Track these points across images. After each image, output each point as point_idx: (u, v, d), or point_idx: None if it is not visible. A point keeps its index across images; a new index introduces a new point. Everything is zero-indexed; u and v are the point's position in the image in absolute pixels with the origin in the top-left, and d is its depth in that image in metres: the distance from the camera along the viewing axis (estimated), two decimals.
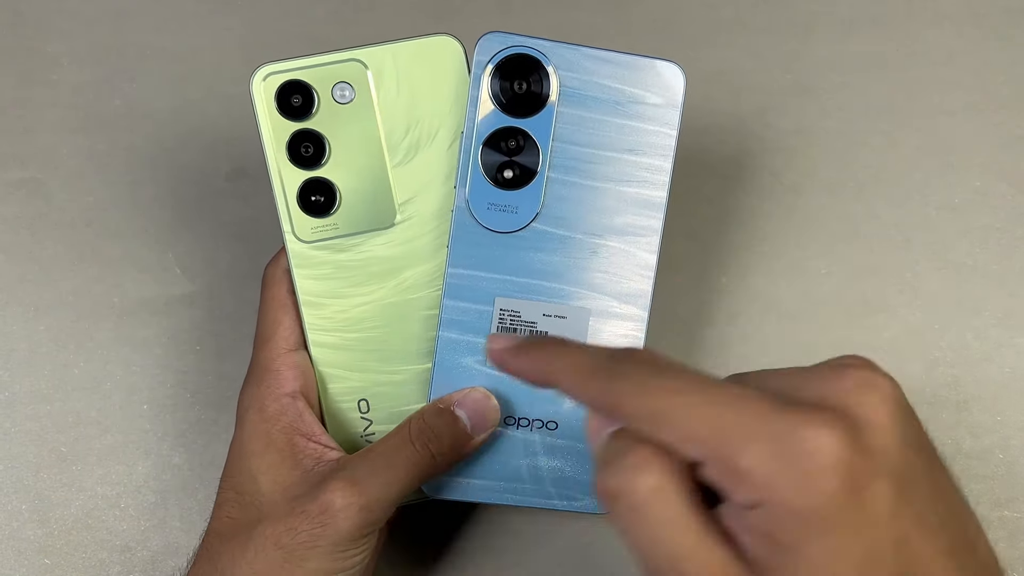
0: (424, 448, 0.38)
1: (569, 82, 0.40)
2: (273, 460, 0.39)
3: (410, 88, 0.41)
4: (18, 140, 0.52)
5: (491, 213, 0.40)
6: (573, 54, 0.40)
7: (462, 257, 0.40)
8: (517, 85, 0.40)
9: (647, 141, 0.40)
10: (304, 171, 0.41)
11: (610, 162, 0.40)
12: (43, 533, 0.47)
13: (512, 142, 0.40)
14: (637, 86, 0.40)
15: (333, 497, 0.37)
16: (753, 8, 0.55)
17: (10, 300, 0.50)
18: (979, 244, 0.51)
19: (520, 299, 0.41)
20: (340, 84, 0.41)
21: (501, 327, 0.41)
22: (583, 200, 0.41)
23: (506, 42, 0.40)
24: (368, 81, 0.41)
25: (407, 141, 0.41)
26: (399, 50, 0.41)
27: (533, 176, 0.40)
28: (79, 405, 0.49)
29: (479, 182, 0.40)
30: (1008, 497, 0.48)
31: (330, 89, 0.40)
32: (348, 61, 0.40)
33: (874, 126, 0.53)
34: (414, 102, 0.41)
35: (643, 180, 0.41)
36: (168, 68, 0.53)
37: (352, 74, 0.41)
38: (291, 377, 0.40)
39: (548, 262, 0.41)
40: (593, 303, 0.41)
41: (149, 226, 0.51)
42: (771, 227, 0.52)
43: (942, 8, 0.55)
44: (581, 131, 0.40)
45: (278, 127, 0.40)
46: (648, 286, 0.41)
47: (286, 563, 0.37)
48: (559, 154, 0.40)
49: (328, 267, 0.41)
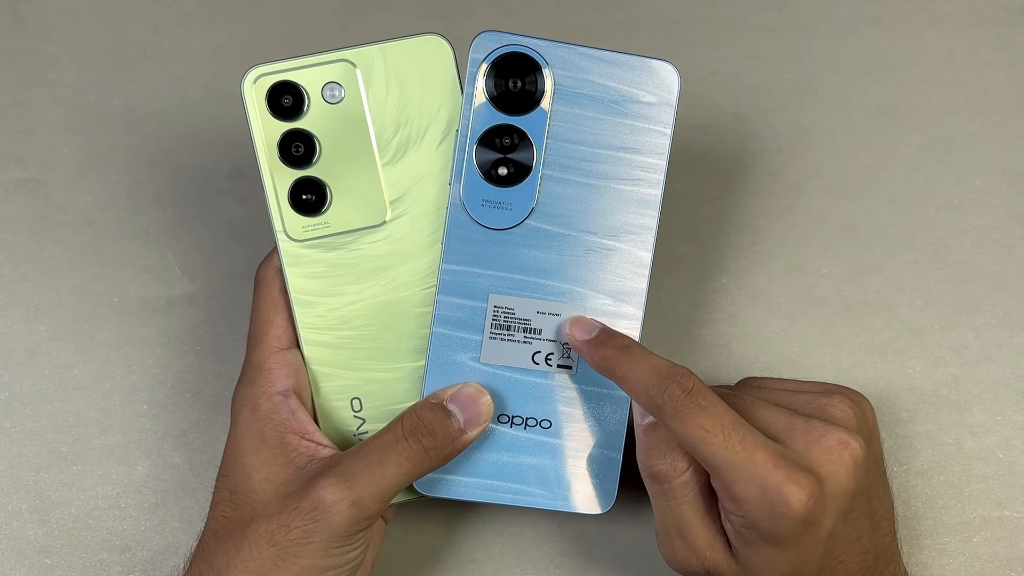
0: (416, 443, 0.38)
1: (564, 80, 0.40)
2: (266, 458, 0.39)
3: (399, 87, 0.41)
4: (18, 140, 0.52)
5: (485, 210, 0.41)
6: (568, 53, 0.40)
7: (456, 253, 0.41)
8: (512, 83, 0.40)
9: (642, 139, 0.41)
10: (295, 170, 0.41)
11: (605, 160, 0.41)
12: (43, 533, 0.47)
13: (507, 139, 0.40)
14: (632, 85, 0.40)
15: (324, 493, 0.37)
16: (753, 8, 0.55)
17: (10, 300, 0.50)
18: (979, 244, 0.51)
19: (514, 296, 0.41)
20: (330, 84, 0.41)
21: (494, 324, 0.41)
22: (578, 198, 0.41)
23: (501, 40, 0.40)
24: (358, 81, 0.41)
25: (397, 140, 0.41)
26: (388, 50, 0.41)
27: (527, 173, 0.40)
28: (79, 405, 0.49)
29: (473, 179, 0.40)
30: (1008, 497, 0.48)
31: (320, 89, 0.41)
32: (338, 61, 0.41)
33: (874, 126, 0.53)
34: (403, 101, 0.41)
35: (638, 178, 0.41)
36: (168, 68, 0.53)
37: (342, 74, 0.41)
38: (283, 376, 0.41)
39: (542, 259, 0.41)
40: (587, 301, 0.41)
41: (149, 226, 0.51)
42: (771, 227, 0.51)
43: (942, 8, 0.55)
44: (576, 129, 0.40)
45: (269, 127, 0.41)
46: (643, 284, 0.41)
47: (280, 560, 0.37)
48: (554, 152, 0.40)
49: (320, 265, 0.41)
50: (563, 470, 0.41)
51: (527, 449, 0.41)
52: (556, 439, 0.41)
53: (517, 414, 0.41)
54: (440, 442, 0.39)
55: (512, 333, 0.41)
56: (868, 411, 0.41)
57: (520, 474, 0.41)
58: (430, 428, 0.39)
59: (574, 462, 0.41)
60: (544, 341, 0.41)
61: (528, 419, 0.41)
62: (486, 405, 0.40)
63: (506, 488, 0.41)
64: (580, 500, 0.42)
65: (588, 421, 0.41)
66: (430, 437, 0.39)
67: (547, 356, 0.41)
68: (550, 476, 0.41)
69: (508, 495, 0.41)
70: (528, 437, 0.41)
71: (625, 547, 0.47)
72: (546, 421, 0.41)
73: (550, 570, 0.47)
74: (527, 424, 0.41)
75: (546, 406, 0.41)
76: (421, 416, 0.39)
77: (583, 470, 0.41)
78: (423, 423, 0.39)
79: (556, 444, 0.41)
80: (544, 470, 0.41)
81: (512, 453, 0.41)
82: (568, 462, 0.41)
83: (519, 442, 0.41)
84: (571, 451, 0.41)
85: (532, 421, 0.41)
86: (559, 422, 0.41)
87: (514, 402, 0.41)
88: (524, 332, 0.41)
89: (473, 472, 0.41)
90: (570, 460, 0.41)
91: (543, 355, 0.41)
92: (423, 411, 0.39)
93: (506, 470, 0.41)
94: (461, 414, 0.40)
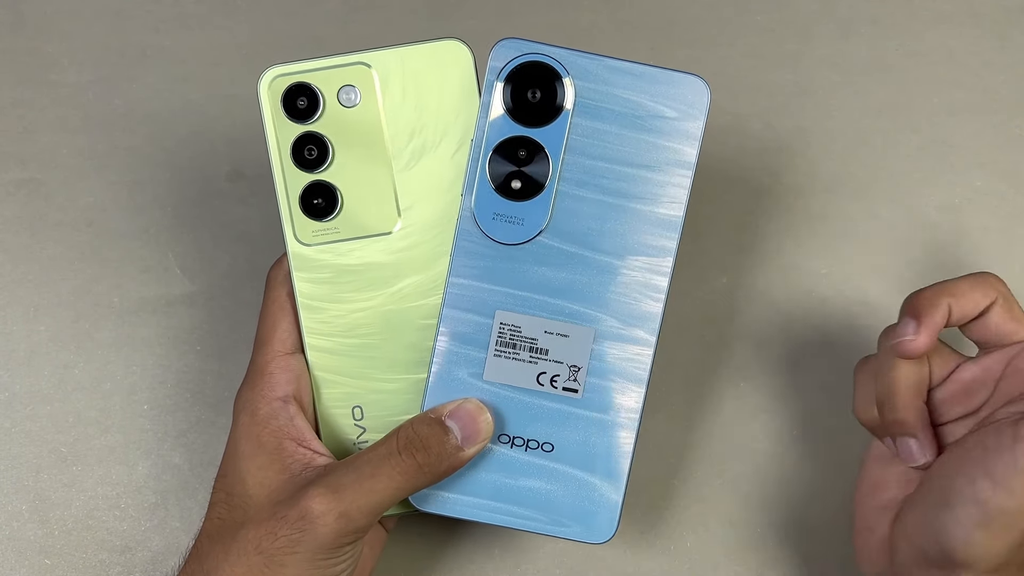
0: (410, 458, 0.37)
1: (585, 93, 0.39)
2: (262, 463, 0.39)
3: (416, 93, 0.40)
4: (18, 140, 0.52)
5: (496, 223, 0.39)
6: (591, 64, 0.38)
7: (464, 267, 0.39)
8: (530, 94, 0.39)
9: (666, 157, 0.39)
10: (307, 174, 0.41)
11: (625, 178, 0.39)
12: (43, 533, 0.47)
13: (522, 151, 0.39)
14: (658, 99, 0.39)
15: (312, 503, 0.36)
16: (753, 8, 0.55)
17: (10, 300, 0.50)
18: (979, 244, 0.51)
19: (521, 314, 0.40)
20: (346, 87, 0.40)
21: (500, 341, 0.40)
22: (594, 216, 0.39)
23: (522, 49, 0.38)
24: (374, 85, 0.40)
25: (411, 147, 0.41)
26: (407, 54, 0.40)
27: (542, 188, 0.39)
28: (79, 405, 0.49)
29: (485, 191, 0.39)
30: None
31: (336, 92, 0.40)
32: (355, 64, 0.40)
33: (874, 126, 0.53)
34: (420, 107, 0.40)
35: (659, 198, 0.39)
36: (168, 68, 0.53)
37: (358, 77, 0.40)
38: (284, 381, 0.40)
39: (553, 278, 0.39)
40: (598, 323, 0.40)
41: (149, 226, 0.51)
42: (771, 227, 0.52)
43: (942, 8, 0.55)
44: (596, 144, 0.39)
45: (283, 129, 0.40)
46: (658, 309, 0.39)
47: (266, 568, 0.37)
48: (571, 167, 0.39)
49: (328, 271, 0.41)
50: (563, 496, 0.40)
51: (527, 471, 0.40)
52: (557, 463, 0.40)
53: (518, 435, 0.40)
54: (435, 458, 0.38)
55: (517, 352, 0.40)
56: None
57: (518, 496, 0.40)
58: (426, 443, 0.38)
59: (575, 488, 0.40)
60: (550, 362, 0.40)
61: (529, 441, 0.40)
62: (486, 423, 0.39)
63: (503, 510, 0.40)
64: (579, 528, 0.40)
65: (592, 447, 0.40)
66: (424, 452, 0.38)
67: (552, 377, 0.40)
68: (549, 501, 0.40)
69: (505, 517, 0.40)
70: (528, 460, 0.40)
71: (626, 547, 0.47)
72: (548, 444, 0.40)
73: (550, 570, 0.47)
74: (528, 446, 0.40)
75: (549, 429, 0.40)
76: (417, 430, 0.38)
77: (584, 497, 0.40)
78: (419, 437, 0.38)
79: (557, 469, 0.40)
80: (543, 494, 0.40)
81: (511, 475, 0.40)
82: (568, 488, 0.40)
83: (519, 464, 0.40)
84: (572, 477, 0.40)
85: (534, 443, 0.40)
86: (561, 446, 0.40)
87: (516, 422, 0.40)
88: (530, 351, 0.40)
89: (470, 491, 0.40)
90: (571, 486, 0.40)
91: (548, 376, 0.40)
92: (420, 425, 0.38)
93: (504, 491, 0.40)
94: (459, 431, 0.38)
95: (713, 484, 0.48)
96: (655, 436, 0.48)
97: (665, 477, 0.48)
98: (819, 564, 0.47)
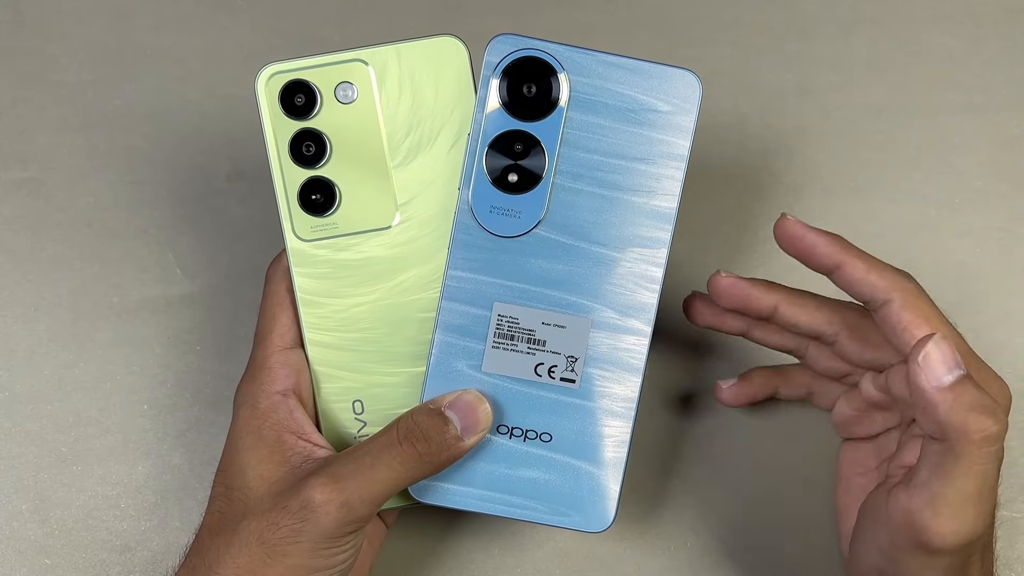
0: (411, 448, 0.38)
1: (580, 87, 0.39)
2: (262, 456, 0.39)
3: (413, 89, 0.41)
4: (18, 140, 0.52)
5: (493, 216, 0.40)
6: (586, 59, 0.39)
7: (462, 260, 0.40)
8: (526, 88, 0.39)
9: (659, 150, 0.40)
10: (305, 170, 0.41)
11: (620, 170, 0.40)
12: (43, 533, 0.47)
13: (518, 145, 0.40)
14: (651, 94, 0.39)
15: (313, 493, 0.37)
16: (753, 8, 0.55)
17: (10, 300, 0.50)
18: (979, 244, 0.51)
19: (519, 305, 0.40)
20: (343, 84, 0.41)
21: (498, 332, 0.40)
22: (589, 208, 0.40)
23: (517, 44, 0.39)
24: (371, 81, 0.41)
25: (408, 142, 0.41)
26: (403, 50, 0.41)
27: (538, 181, 0.40)
28: (79, 405, 0.49)
29: (482, 184, 0.40)
30: (1008, 497, 0.48)
31: (333, 89, 0.41)
32: (352, 61, 0.41)
33: (874, 126, 0.53)
34: (417, 103, 0.41)
35: (653, 190, 0.40)
36: (168, 68, 0.53)
37: (355, 74, 0.41)
38: (284, 375, 0.40)
39: (550, 269, 0.40)
40: (594, 314, 0.40)
41: (149, 226, 0.51)
42: (771, 227, 0.51)
43: (942, 8, 0.55)
44: (591, 137, 0.40)
45: (281, 126, 0.41)
46: (653, 299, 0.40)
47: (268, 558, 0.37)
48: (567, 160, 0.40)
49: (327, 266, 0.41)
50: (562, 485, 0.40)
51: (526, 462, 0.40)
52: (556, 453, 0.40)
53: (517, 425, 0.40)
54: (435, 448, 0.38)
55: (515, 343, 0.40)
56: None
57: (517, 487, 0.40)
58: (425, 433, 0.38)
59: (573, 478, 0.40)
60: (548, 353, 0.40)
61: (528, 431, 0.40)
62: (485, 413, 0.39)
63: (502, 500, 0.40)
64: (578, 517, 0.40)
65: (590, 437, 0.40)
66: (425, 442, 0.38)
67: (550, 368, 0.40)
68: (548, 490, 0.40)
69: (504, 507, 0.40)
70: (527, 450, 0.40)
71: (626, 546, 0.47)
72: (546, 434, 0.40)
73: (550, 570, 0.47)
74: (527, 436, 0.40)
75: (547, 419, 0.40)
76: (417, 420, 0.38)
77: (582, 486, 0.40)
78: (419, 428, 0.38)
79: (556, 458, 0.40)
80: (542, 484, 0.40)
81: (510, 465, 0.40)
82: (567, 477, 0.40)
83: (518, 454, 0.40)
84: (570, 466, 0.40)
85: (532, 433, 0.40)
86: (560, 436, 0.40)
87: (514, 413, 0.40)
88: (528, 343, 0.40)
89: (469, 481, 0.40)
90: (569, 475, 0.40)
91: (546, 367, 0.40)
92: (420, 416, 0.39)
93: (503, 481, 0.40)
94: (459, 421, 0.39)
95: (713, 484, 0.48)
96: (655, 436, 0.48)
97: (665, 477, 0.48)
98: (820, 564, 0.47)
